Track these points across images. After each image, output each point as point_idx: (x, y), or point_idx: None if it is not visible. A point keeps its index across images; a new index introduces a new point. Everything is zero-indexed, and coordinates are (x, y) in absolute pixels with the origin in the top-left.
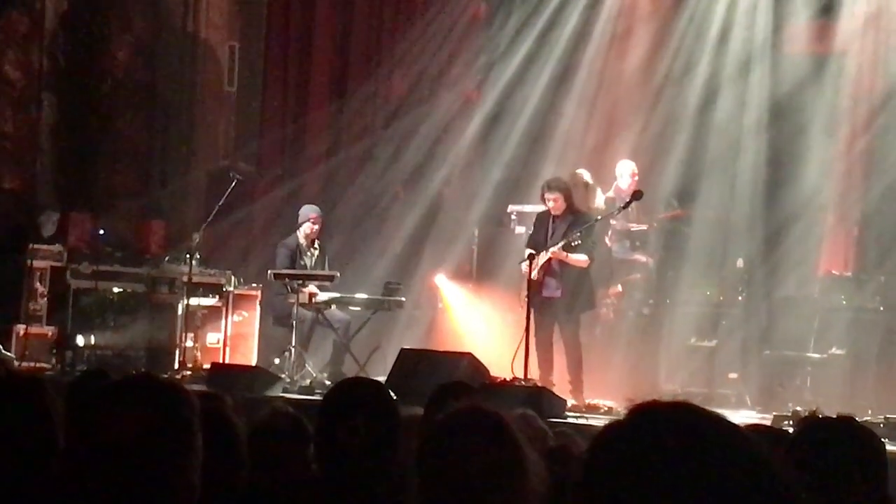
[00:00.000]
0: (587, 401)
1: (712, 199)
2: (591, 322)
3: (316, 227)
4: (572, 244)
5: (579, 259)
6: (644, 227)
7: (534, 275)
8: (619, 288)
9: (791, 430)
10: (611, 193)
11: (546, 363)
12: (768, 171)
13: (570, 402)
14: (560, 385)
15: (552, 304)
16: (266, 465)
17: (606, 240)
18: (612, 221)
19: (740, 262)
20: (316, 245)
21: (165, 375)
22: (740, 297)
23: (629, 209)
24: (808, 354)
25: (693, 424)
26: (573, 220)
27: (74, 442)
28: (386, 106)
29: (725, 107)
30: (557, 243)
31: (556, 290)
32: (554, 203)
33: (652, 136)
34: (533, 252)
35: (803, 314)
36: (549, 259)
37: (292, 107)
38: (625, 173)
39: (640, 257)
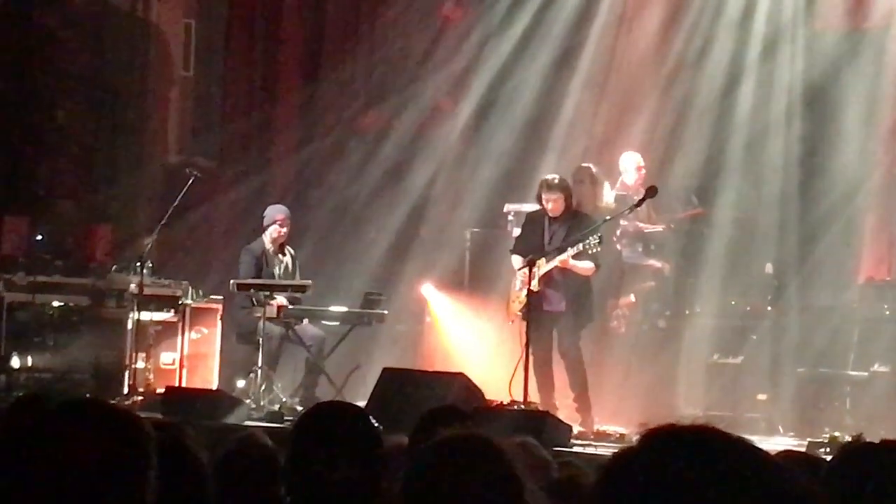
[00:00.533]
0: (596, 427)
1: (736, 196)
2: (598, 336)
3: (284, 230)
4: (589, 251)
5: (586, 267)
6: (659, 228)
7: (534, 285)
8: (632, 297)
9: (829, 457)
10: (618, 191)
11: (547, 384)
12: (800, 164)
13: (577, 428)
14: (563, 409)
15: (554, 319)
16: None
17: (616, 243)
18: (623, 222)
19: (769, 268)
20: (285, 251)
21: (113, 401)
22: (769, 308)
23: (641, 208)
24: (848, 372)
25: (716, 451)
26: (573, 222)
27: (7, 479)
28: (364, 92)
29: (750, 93)
30: (565, 249)
31: (560, 303)
32: (553, 204)
33: (666, 127)
34: (533, 258)
35: (841, 326)
36: (550, 269)
37: (257, 93)
38: (630, 167)
39: (655, 262)
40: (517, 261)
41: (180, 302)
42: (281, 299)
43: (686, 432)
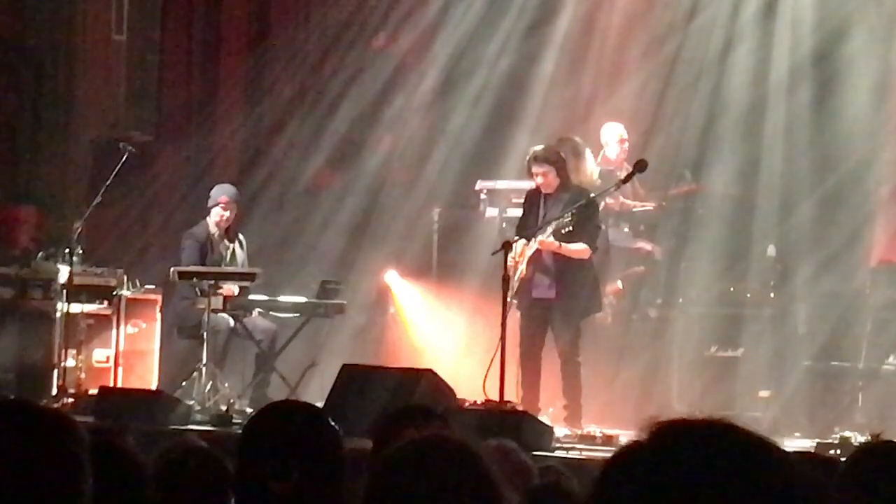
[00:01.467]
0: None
1: (734, 171)
2: (582, 328)
3: (227, 213)
4: (563, 230)
5: (577, 249)
6: (649, 206)
7: (521, 270)
8: (619, 284)
9: (843, 458)
10: (601, 165)
11: (532, 382)
12: (805, 135)
13: (563, 431)
14: (550, 410)
15: (544, 307)
16: None
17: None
18: (609, 200)
19: (771, 250)
20: (233, 236)
21: (41, 403)
22: (772, 295)
23: (628, 184)
24: (859, 365)
25: (732, 447)
26: (569, 198)
27: None
28: (318, 55)
29: (748, 53)
30: (546, 230)
31: (550, 289)
32: (543, 179)
33: (655, 94)
34: (509, 240)
35: (852, 315)
36: (538, 251)
37: (199, 58)
38: (611, 140)
39: (645, 245)
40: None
41: (115, 293)
42: (228, 288)
43: (699, 425)
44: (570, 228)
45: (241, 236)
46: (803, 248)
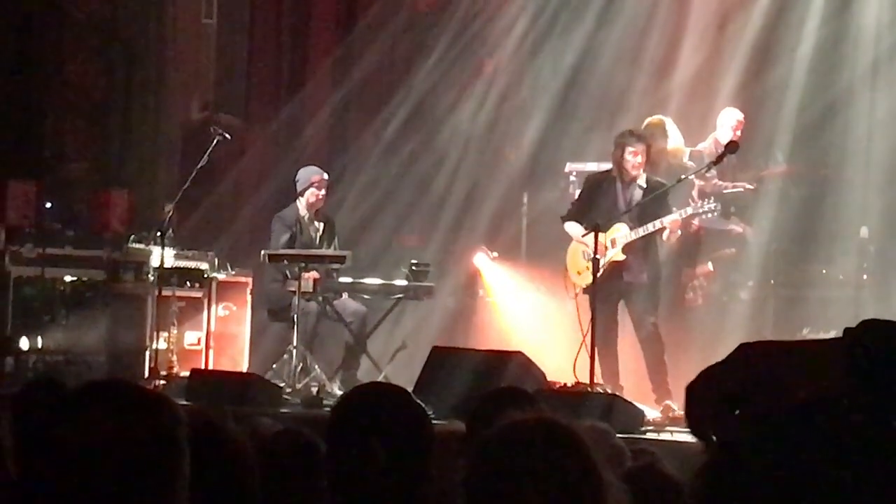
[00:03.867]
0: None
1: (826, 151)
2: (673, 310)
3: (322, 192)
4: (706, 210)
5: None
6: (741, 187)
7: (616, 254)
8: (710, 266)
9: None
10: (704, 145)
11: (612, 365)
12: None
13: (653, 413)
14: (630, 391)
15: (633, 291)
16: (270, 500)
17: (691, 204)
18: (699, 182)
19: (864, 232)
20: (322, 218)
21: None
22: (865, 277)
23: (724, 165)
24: None
25: None
26: (650, 184)
27: (28, 470)
28: (410, 34)
29: (836, 34)
30: (645, 212)
31: (641, 273)
32: (641, 158)
33: (748, 74)
34: (599, 225)
35: None
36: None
37: (287, 41)
38: (726, 123)
39: (736, 227)
40: (575, 228)
41: (206, 275)
42: (314, 272)
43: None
44: (715, 206)
45: (331, 219)
46: None
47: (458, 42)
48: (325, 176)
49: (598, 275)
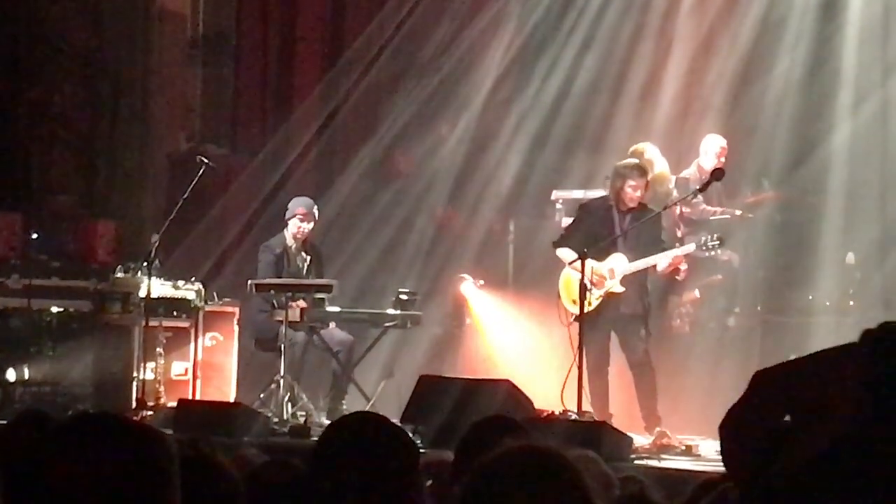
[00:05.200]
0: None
1: (812, 178)
2: (660, 337)
3: (305, 225)
4: (705, 251)
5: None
6: (728, 214)
7: (615, 285)
8: (696, 293)
9: None
10: (689, 172)
11: (603, 393)
12: (882, 140)
13: (641, 441)
14: (620, 420)
15: (627, 322)
16: None
17: (677, 231)
18: (685, 209)
19: (850, 258)
20: (309, 248)
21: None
22: (851, 303)
23: (711, 193)
24: None
25: None
26: (641, 211)
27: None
28: (396, 64)
29: (820, 60)
30: (639, 242)
31: (638, 303)
32: (640, 192)
33: (735, 103)
34: (585, 251)
35: None
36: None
37: (274, 70)
38: (710, 150)
39: (723, 254)
40: (568, 254)
41: (192, 305)
42: (301, 301)
43: None
44: (697, 248)
45: (318, 248)
46: (883, 255)
47: (443, 70)
48: (314, 209)
49: (596, 305)
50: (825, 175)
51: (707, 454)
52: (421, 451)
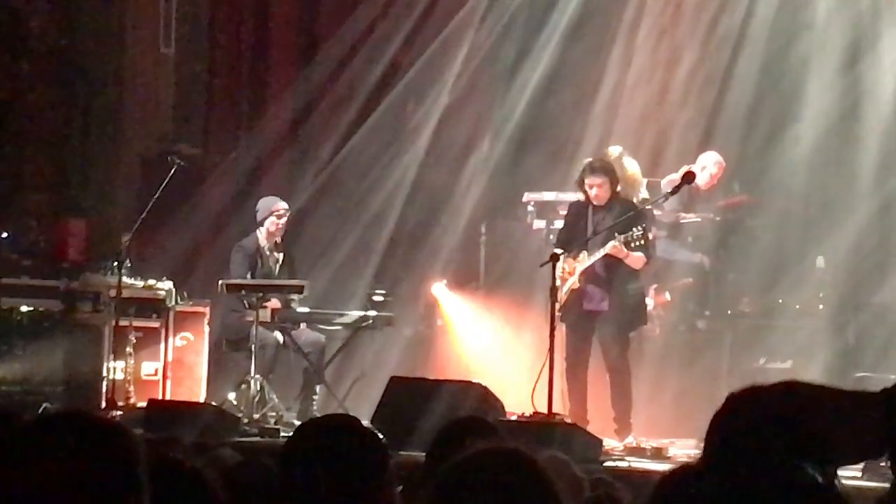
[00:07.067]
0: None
1: (782, 182)
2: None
3: (281, 222)
4: (632, 242)
5: (637, 259)
6: (698, 218)
7: (574, 281)
8: (668, 296)
9: None
10: (672, 177)
11: (580, 395)
12: (848, 142)
13: (612, 443)
14: (597, 423)
15: (595, 320)
16: None
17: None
18: (657, 211)
19: (821, 262)
20: (280, 248)
21: None
22: (821, 306)
23: (682, 196)
24: None
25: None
26: (619, 210)
27: None
28: (368, 66)
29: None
30: (607, 239)
31: (602, 301)
32: (598, 190)
33: (704, 106)
34: (557, 252)
35: None
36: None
37: (247, 71)
38: (709, 164)
39: (693, 257)
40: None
41: (163, 305)
42: (273, 301)
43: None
44: (642, 242)
45: (290, 250)
46: (853, 259)
47: (419, 73)
48: (285, 206)
49: (563, 303)
50: (795, 179)
51: (677, 455)
52: (391, 452)
